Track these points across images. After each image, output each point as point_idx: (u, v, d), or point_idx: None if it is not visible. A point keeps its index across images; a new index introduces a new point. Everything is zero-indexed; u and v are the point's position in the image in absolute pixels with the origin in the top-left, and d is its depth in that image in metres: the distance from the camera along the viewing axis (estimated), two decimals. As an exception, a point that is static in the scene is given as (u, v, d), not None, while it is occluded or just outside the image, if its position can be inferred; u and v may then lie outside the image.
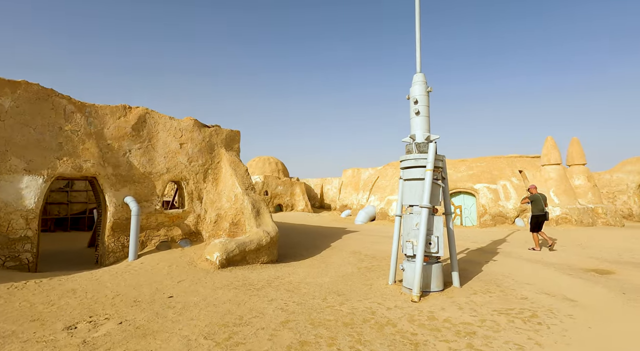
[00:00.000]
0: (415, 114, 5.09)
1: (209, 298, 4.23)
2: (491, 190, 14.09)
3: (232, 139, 8.26)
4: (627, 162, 18.64)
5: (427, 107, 5.11)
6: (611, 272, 5.81)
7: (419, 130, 5.06)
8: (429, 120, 5.14)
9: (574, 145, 14.88)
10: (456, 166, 15.51)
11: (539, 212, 8.30)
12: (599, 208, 13.49)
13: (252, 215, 7.12)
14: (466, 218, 14.62)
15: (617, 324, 3.57)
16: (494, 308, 4.05)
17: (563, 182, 13.72)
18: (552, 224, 12.90)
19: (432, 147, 4.77)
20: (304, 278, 5.62)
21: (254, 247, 6.45)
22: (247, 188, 7.58)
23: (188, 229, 7.27)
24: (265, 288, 4.87)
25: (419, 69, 5.25)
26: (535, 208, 8.39)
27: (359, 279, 5.61)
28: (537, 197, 8.46)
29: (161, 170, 7.03)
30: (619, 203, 18.59)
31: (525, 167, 14.87)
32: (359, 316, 3.74)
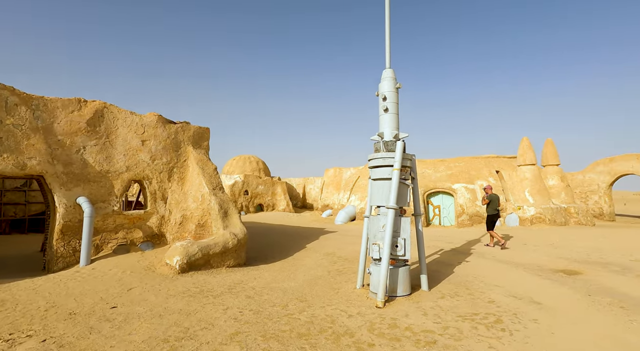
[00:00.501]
0: (384, 111, 4.89)
1: (158, 308, 3.89)
2: (469, 190, 14.19)
3: (200, 136, 7.86)
4: (598, 162, 19.26)
5: (396, 104, 4.92)
6: (579, 273, 5.81)
7: (387, 128, 4.86)
8: (398, 118, 4.96)
9: (548, 146, 15.21)
10: (435, 166, 15.57)
11: (494, 211, 8.77)
12: (571, 208, 13.82)
13: (219, 216, 6.77)
14: (444, 218, 14.68)
15: (580, 328, 3.47)
16: (459, 314, 3.89)
17: (538, 182, 13.98)
18: (527, 223, 13.11)
19: (400, 145, 4.58)
20: (269, 283, 5.33)
21: (219, 250, 6.10)
22: (215, 188, 7.22)
23: (150, 231, 6.85)
24: (224, 294, 4.55)
25: (388, 64, 5.05)
26: (490, 208, 8.81)
27: (327, 283, 5.38)
28: (493, 197, 8.89)
29: (120, 168, 6.57)
30: (590, 202, 19.20)
31: (502, 167, 15.07)
32: (317, 326, 3.50)
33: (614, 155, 18.71)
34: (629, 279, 5.34)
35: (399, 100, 4.99)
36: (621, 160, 18.31)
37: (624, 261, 6.66)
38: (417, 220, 5.12)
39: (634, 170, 17.87)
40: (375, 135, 4.95)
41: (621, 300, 4.31)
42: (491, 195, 8.91)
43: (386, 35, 5.09)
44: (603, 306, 4.13)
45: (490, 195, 8.91)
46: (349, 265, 6.65)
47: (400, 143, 4.58)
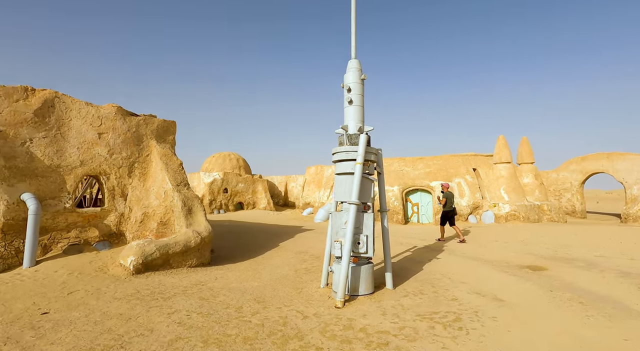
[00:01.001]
0: (349, 103, 4.71)
1: (96, 313, 3.57)
2: (446, 188, 14.27)
3: (165, 130, 7.47)
4: (571, 161, 19.85)
5: (361, 95, 4.74)
6: (544, 268, 5.82)
7: (351, 121, 4.68)
8: (363, 110, 4.78)
9: (523, 145, 15.50)
10: (414, 164, 15.61)
11: (449, 208, 9.26)
12: (544, 205, 14.13)
13: (183, 214, 6.43)
14: (423, 216, 14.74)
15: (537, 324, 3.40)
16: (419, 313, 3.76)
17: (513, 180, 14.22)
18: (502, 220, 13.30)
19: (364, 138, 4.40)
20: (230, 283, 5.07)
21: (180, 249, 5.78)
22: (179, 184, 6.87)
23: (108, 230, 6.43)
24: (176, 297, 4.26)
25: (354, 55, 4.87)
26: (447, 205, 9.27)
27: (291, 283, 5.16)
28: (448, 194, 9.33)
29: (73, 163, 6.13)
30: (564, 200, 19.78)
31: (479, 165, 15.26)
32: (267, 329, 3.28)
33: (586, 154, 19.32)
34: (592, 274, 5.38)
35: (364, 92, 4.82)
36: (592, 159, 18.92)
37: (588, 257, 6.75)
38: (383, 217, 4.97)
39: (603, 168, 18.51)
40: (339, 128, 4.76)
41: (581, 295, 4.30)
42: (446, 193, 9.35)
43: (352, 25, 4.89)
44: (563, 301, 4.10)
45: (446, 194, 9.35)
46: (318, 263, 6.45)
47: (363, 136, 4.40)
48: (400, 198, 14.60)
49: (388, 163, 16.16)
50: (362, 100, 4.75)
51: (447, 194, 9.30)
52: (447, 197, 9.25)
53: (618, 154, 18.03)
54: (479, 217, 13.76)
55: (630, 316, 3.64)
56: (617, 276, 5.25)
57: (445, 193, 9.36)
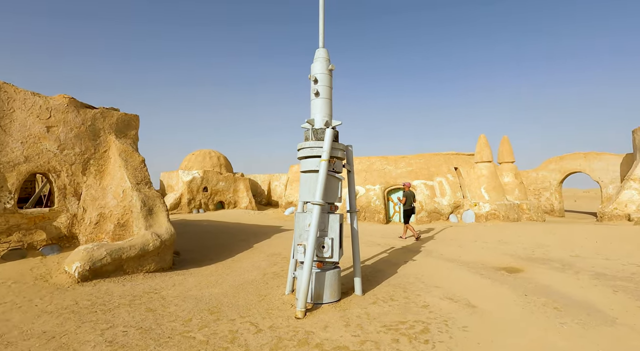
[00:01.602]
0: (315, 95, 4.36)
1: (14, 331, 3.09)
2: (428, 187, 14.18)
3: (126, 125, 6.93)
4: (550, 160, 20.19)
5: (329, 87, 4.40)
6: (520, 270, 5.66)
7: (318, 114, 4.34)
8: (331, 103, 4.44)
9: (504, 144, 15.57)
10: (397, 162, 15.44)
11: (409, 206, 9.62)
12: (524, 204, 14.22)
13: (142, 215, 5.95)
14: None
15: (509, 336, 3.15)
16: (385, 323, 3.46)
17: (493, 179, 14.24)
18: (482, 220, 13.29)
19: (329, 133, 4.06)
20: (188, 291, 4.65)
21: (136, 253, 5.31)
22: (140, 182, 6.36)
23: (58, 233, 5.88)
24: (120, 308, 3.82)
25: (322, 44, 4.52)
26: (407, 204, 9.64)
27: (255, 289, 4.78)
28: (408, 194, 9.69)
29: (16, 158, 5.55)
30: (543, 199, 20.10)
31: (461, 164, 15.24)
32: (210, 347, 2.90)
33: (564, 154, 19.68)
34: (567, 276, 5.24)
35: (333, 83, 4.48)
36: (570, 159, 19.28)
37: (564, 257, 6.66)
38: (352, 218, 4.65)
39: (581, 168, 18.88)
40: (305, 122, 4.40)
41: (556, 300, 4.11)
42: (406, 193, 9.69)
43: (320, 13, 4.54)
44: (537, 307, 3.89)
45: (406, 193, 9.69)
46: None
47: (329, 130, 4.06)
48: (382, 197, 14.41)
49: (370, 162, 15.94)
50: (330, 93, 4.41)
51: (407, 193, 9.62)
52: (406, 195, 9.57)
53: (595, 154, 18.42)
54: (460, 216, 13.71)
55: (604, 322, 3.45)
56: (592, 278, 5.12)
57: (406, 192, 9.65)
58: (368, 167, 15.71)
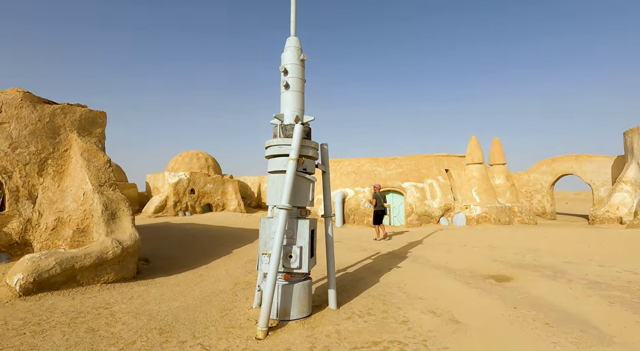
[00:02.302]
0: (285, 88, 3.95)
1: None
2: (418, 189, 13.85)
3: (91, 122, 6.44)
4: (542, 163, 20.06)
5: (301, 79, 4.00)
6: (510, 278, 5.30)
7: (287, 109, 3.93)
8: (303, 97, 4.04)
9: (495, 145, 15.35)
10: (387, 164, 15.11)
11: (379, 208, 9.83)
12: (515, 207, 13.97)
13: (103, 219, 5.46)
14: (394, 218, 14.24)
15: (496, 360, 2.76)
16: (357, 344, 3.04)
17: (485, 181, 13.97)
18: (473, 223, 12.99)
19: (299, 129, 3.65)
20: (144, 305, 4.18)
21: (92, 262, 4.82)
22: (103, 184, 5.88)
23: (8, 239, 5.36)
24: (55, 329, 3.34)
25: (293, 31, 4.12)
26: (377, 205, 9.85)
27: (221, 301, 4.33)
28: (378, 195, 9.93)
29: (-40, 157, 5.03)
30: (535, 202, 19.94)
31: (452, 165, 14.96)
32: (144, 378, 2.45)
33: (556, 156, 19.57)
34: (559, 285, 4.89)
35: (305, 75, 4.08)
36: (561, 161, 19.17)
37: (556, 263, 6.33)
38: (327, 223, 4.24)
39: (572, 170, 18.77)
40: (274, 117, 3.99)
41: (547, 313, 3.74)
42: (376, 194, 9.93)
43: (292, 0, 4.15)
44: (527, 322, 3.51)
45: (375, 194, 9.93)
46: (263, 275, 5.66)
47: (299, 126, 3.65)
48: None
49: (360, 164, 15.59)
50: (302, 85, 4.01)
51: (376, 195, 9.90)
52: (376, 197, 9.86)
53: (586, 156, 18.32)
54: (451, 219, 13.40)
55: (600, 341, 3.09)
56: (586, 287, 4.77)
57: (376, 194, 9.94)
58: (357, 168, 15.34)
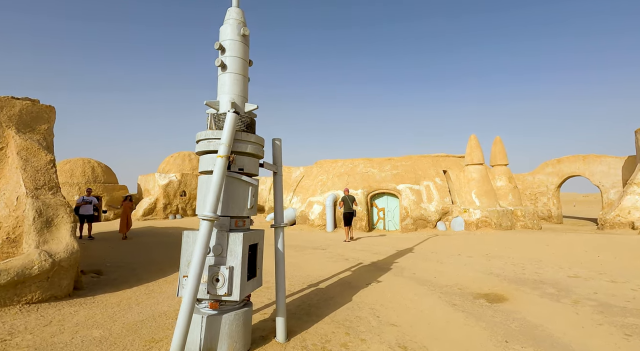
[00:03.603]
0: (221, 69, 3.23)
1: None
2: (414, 191, 13.04)
3: (34, 118, 5.78)
4: (547, 163, 19.09)
5: (241, 59, 3.26)
6: (505, 299, 4.49)
7: (224, 95, 3.20)
8: (246, 80, 3.31)
9: (497, 145, 14.48)
10: (381, 165, 14.32)
11: (348, 210, 10.34)
12: (518, 211, 13.08)
13: (34, 228, 4.77)
14: (389, 222, 13.43)
15: None
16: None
17: (485, 183, 13.11)
18: (473, 228, 12.13)
19: (231, 119, 2.92)
20: (56, 335, 3.47)
21: (9, 280, 4.12)
22: (41, 187, 5.20)
23: None
24: None
25: (236, 2, 3.39)
26: (345, 207, 10.38)
27: (153, 329, 3.61)
28: (346, 198, 10.47)
29: None
30: (540, 204, 18.97)
31: (450, 166, 14.12)
32: None
33: (562, 156, 18.59)
34: (563, 308, 4.08)
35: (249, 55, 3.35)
36: (568, 162, 18.19)
37: (561, 277, 5.51)
38: (277, 235, 3.50)
39: (579, 171, 17.78)
40: (208, 104, 3.25)
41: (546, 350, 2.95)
42: (344, 197, 10.48)
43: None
44: (521, 366, 2.73)
45: (344, 197, 10.48)
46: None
47: (231, 115, 2.91)
48: (364, 203, 13.25)
49: (353, 165, 14.82)
50: (243, 66, 3.27)
51: (345, 197, 10.47)
52: (344, 200, 10.43)
53: (594, 156, 17.34)
54: (449, 224, 12.55)
55: (618, 398, 2.29)
56: (595, 311, 3.96)
57: (344, 196, 10.51)
58: (351, 169, 14.58)
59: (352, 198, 10.49)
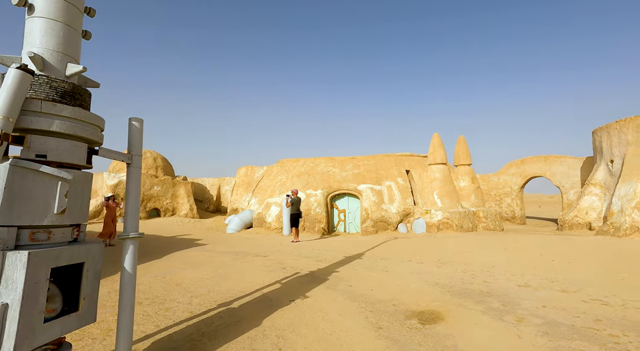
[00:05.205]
0: (28, 11, 2.27)
1: None
2: (375, 192, 12.41)
3: None
4: (511, 164, 19.19)
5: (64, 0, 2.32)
6: (441, 318, 3.78)
7: (27, 46, 2.24)
8: (73, 33, 2.37)
9: (460, 144, 14.17)
10: (343, 164, 13.62)
11: (295, 211, 10.49)
12: (480, 212, 12.77)
13: None
14: (350, 224, 12.74)
15: None
16: None
17: (447, 183, 12.70)
18: (434, 230, 11.65)
19: (14, 77, 1.96)
20: None
21: None
22: None
23: None
24: None
25: None
26: (293, 208, 10.51)
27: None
28: (295, 200, 10.59)
29: None
30: (504, 205, 19.01)
31: (414, 166, 13.65)
32: None
33: (525, 157, 18.73)
34: (504, 328, 3.41)
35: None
36: (531, 162, 18.33)
37: (511, 287, 4.92)
38: (126, 250, 2.57)
39: (541, 172, 17.94)
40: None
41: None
42: (293, 199, 10.60)
43: None
44: None
45: (293, 199, 10.60)
46: (112, 317, 3.91)
47: (14, 72, 1.96)
48: (324, 204, 12.47)
49: (315, 164, 14.03)
50: (67, 11, 2.32)
51: (293, 199, 10.57)
52: (293, 201, 10.55)
53: (555, 157, 17.54)
54: (410, 226, 12.01)
55: None
56: (539, 332, 3.32)
57: (293, 198, 10.59)
58: (311, 169, 13.78)
59: (299, 200, 10.66)
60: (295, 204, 10.55)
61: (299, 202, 10.71)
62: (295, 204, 10.55)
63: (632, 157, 11.16)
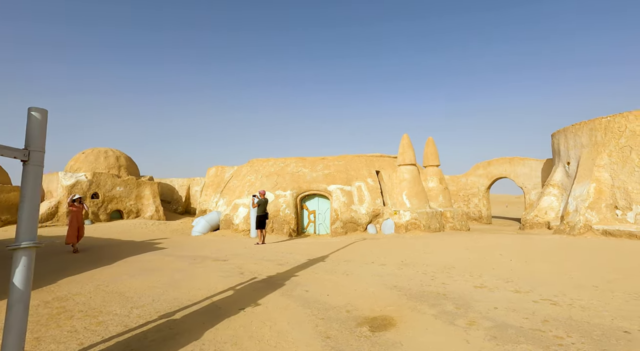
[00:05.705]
0: None
1: None
2: (345, 193, 12.32)
3: None
4: (479, 165, 19.83)
5: None
6: (393, 323, 3.66)
7: None
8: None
9: (429, 146, 14.40)
10: (313, 164, 13.44)
11: (262, 212, 10.33)
12: (447, 212, 13.02)
13: None
14: (320, 226, 12.56)
15: None
16: None
17: (416, 184, 12.84)
18: (402, 230, 11.72)
19: None
20: None
21: None
22: None
23: None
24: None
25: None
26: (259, 210, 10.33)
27: None
28: (262, 201, 10.46)
29: None
30: (472, 205, 19.60)
31: (385, 167, 13.71)
32: None
33: (492, 159, 19.41)
34: (454, 332, 3.33)
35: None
36: (497, 164, 19.01)
37: (466, 289, 4.91)
38: (16, 263, 2.20)
39: (506, 173, 18.65)
40: None
41: None
42: (260, 200, 10.44)
43: None
44: None
45: (260, 200, 10.44)
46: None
47: None
48: (293, 205, 12.22)
49: (285, 164, 13.75)
50: None
51: (260, 200, 10.42)
52: (259, 203, 10.37)
53: (519, 159, 18.28)
54: (379, 226, 12.02)
55: None
56: (487, 337, 3.25)
57: (260, 199, 10.43)
58: (281, 169, 13.48)
59: (266, 201, 10.57)
60: (262, 205, 10.40)
61: (266, 203, 10.57)
62: (262, 205, 10.40)
63: (586, 159, 11.78)
